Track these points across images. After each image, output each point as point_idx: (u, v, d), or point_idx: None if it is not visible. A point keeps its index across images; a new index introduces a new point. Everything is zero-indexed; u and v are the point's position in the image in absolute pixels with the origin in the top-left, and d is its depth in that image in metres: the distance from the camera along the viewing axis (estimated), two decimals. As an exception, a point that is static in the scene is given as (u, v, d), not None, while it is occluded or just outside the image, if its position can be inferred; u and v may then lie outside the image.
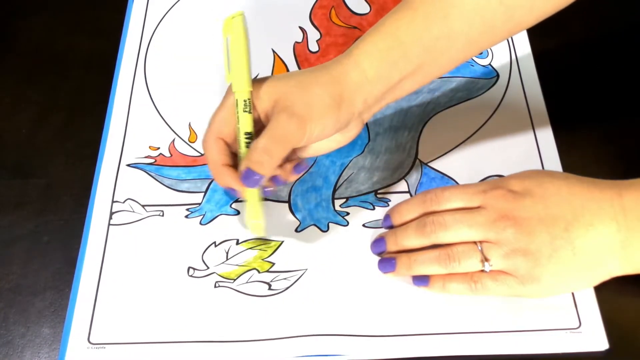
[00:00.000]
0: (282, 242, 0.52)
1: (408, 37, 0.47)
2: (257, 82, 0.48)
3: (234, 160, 0.49)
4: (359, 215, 0.53)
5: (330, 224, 0.53)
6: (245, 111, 0.47)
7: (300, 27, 0.66)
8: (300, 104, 0.46)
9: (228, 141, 0.49)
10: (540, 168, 0.55)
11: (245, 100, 0.47)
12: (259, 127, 0.48)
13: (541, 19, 0.50)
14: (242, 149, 0.48)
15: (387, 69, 0.47)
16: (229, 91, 0.48)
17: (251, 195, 0.49)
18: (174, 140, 0.58)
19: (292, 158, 0.51)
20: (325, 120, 0.46)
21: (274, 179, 0.50)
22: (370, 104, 0.48)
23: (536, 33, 0.63)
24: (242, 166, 0.47)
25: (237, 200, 0.55)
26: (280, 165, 0.49)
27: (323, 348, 0.47)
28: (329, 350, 0.47)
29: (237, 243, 0.52)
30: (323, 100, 0.46)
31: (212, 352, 0.47)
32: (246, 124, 0.47)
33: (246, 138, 0.47)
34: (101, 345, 0.48)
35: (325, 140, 0.49)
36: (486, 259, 0.46)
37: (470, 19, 0.47)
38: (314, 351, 0.47)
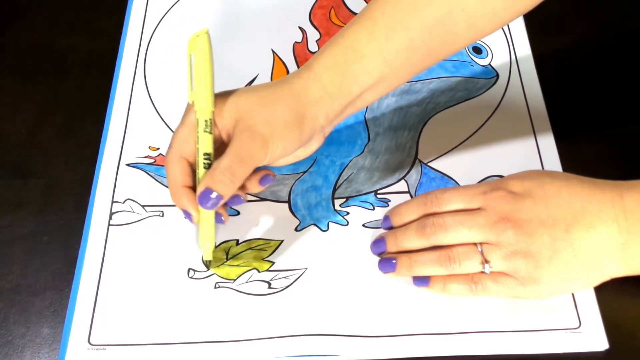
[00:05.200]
0: (282, 241, 0.52)
1: (368, 49, 0.47)
2: (218, 98, 0.47)
3: (195, 181, 0.48)
4: (359, 215, 0.53)
5: (330, 224, 0.53)
6: (205, 131, 0.47)
7: (300, 27, 0.66)
8: (262, 123, 0.46)
9: (190, 160, 0.48)
10: (540, 168, 0.55)
11: (206, 121, 0.47)
12: (219, 144, 0.48)
13: (502, 26, 0.50)
14: (200, 170, 0.47)
15: (348, 83, 0.47)
16: (190, 108, 0.48)
17: (205, 218, 0.48)
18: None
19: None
20: (288, 138, 0.46)
21: (235, 200, 0.50)
22: (331, 119, 0.48)
23: (536, 33, 0.63)
24: (201, 186, 0.46)
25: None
26: (243, 184, 0.49)
27: (322, 348, 0.47)
28: (328, 350, 0.47)
29: (237, 243, 0.52)
30: (285, 119, 0.46)
31: (211, 353, 0.47)
32: (206, 145, 0.47)
33: (205, 159, 0.47)
34: (101, 347, 0.48)
35: (286, 156, 0.49)
36: (486, 261, 0.46)
37: (431, 29, 0.47)
38: (313, 351, 0.47)
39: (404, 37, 0.47)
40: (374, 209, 0.54)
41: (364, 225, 0.53)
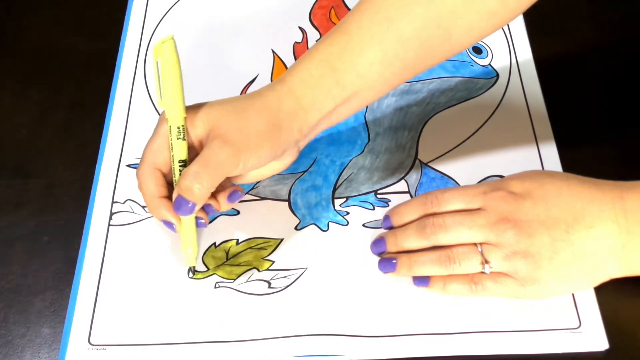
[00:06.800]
0: (282, 239, 0.52)
1: (342, 63, 0.46)
2: (191, 108, 0.47)
3: (171, 191, 0.48)
4: (359, 215, 0.53)
5: (330, 224, 0.53)
6: (179, 138, 0.46)
7: (300, 28, 0.66)
8: (235, 131, 0.45)
9: (164, 171, 0.48)
10: (540, 168, 0.55)
11: (178, 127, 0.46)
12: (194, 154, 0.47)
13: (480, 39, 0.49)
14: (177, 177, 0.47)
15: (322, 97, 0.47)
16: (162, 118, 0.47)
17: (186, 225, 0.48)
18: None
19: (225, 186, 0.50)
20: (261, 149, 0.46)
21: (207, 207, 0.49)
22: (305, 133, 0.48)
23: (536, 33, 0.63)
24: (174, 194, 0.46)
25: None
26: (214, 195, 0.48)
27: (323, 348, 0.47)
28: (329, 350, 0.47)
29: (237, 243, 0.52)
30: (259, 129, 0.45)
31: (211, 353, 0.47)
32: (180, 152, 0.47)
33: (180, 166, 0.47)
34: (101, 347, 0.48)
35: (260, 168, 0.48)
36: (486, 261, 0.46)
37: (406, 43, 0.46)
38: (314, 351, 0.47)
39: (377, 50, 0.46)
40: (374, 209, 0.54)
41: (364, 225, 0.53)
